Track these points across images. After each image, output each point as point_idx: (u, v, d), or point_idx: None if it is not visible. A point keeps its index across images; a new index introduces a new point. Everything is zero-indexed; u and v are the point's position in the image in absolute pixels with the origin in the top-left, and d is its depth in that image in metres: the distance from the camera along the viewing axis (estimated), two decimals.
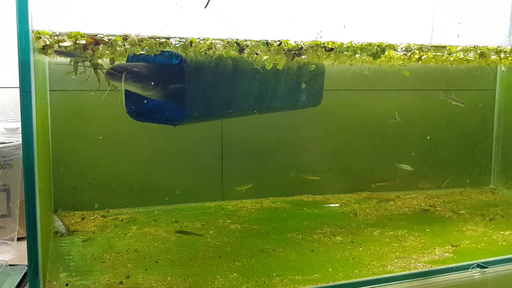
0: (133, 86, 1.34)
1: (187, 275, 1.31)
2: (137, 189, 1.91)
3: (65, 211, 1.84)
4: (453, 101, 2.04)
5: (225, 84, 1.52)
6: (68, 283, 1.26)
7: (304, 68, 1.77)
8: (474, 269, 1.39)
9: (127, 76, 1.28)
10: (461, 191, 2.28)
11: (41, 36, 1.19)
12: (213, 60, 1.42)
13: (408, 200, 2.11)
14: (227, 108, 1.60)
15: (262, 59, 1.45)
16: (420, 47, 1.68)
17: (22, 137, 1.02)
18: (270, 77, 1.65)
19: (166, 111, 1.57)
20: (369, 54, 1.59)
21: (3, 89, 1.83)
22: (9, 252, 1.48)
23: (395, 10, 1.92)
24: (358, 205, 2.02)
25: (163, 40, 1.31)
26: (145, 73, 1.35)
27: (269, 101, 1.72)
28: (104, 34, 1.26)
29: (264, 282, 1.28)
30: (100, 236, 1.61)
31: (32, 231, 1.04)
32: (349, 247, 1.54)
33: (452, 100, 2.03)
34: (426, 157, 2.26)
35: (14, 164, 1.48)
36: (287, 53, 1.44)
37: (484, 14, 2.01)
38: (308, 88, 1.85)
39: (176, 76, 1.42)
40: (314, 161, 2.12)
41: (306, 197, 2.12)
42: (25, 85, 1.00)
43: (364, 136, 2.18)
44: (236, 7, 1.61)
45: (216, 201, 2.03)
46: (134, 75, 1.31)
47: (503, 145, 2.35)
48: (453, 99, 2.03)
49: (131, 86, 1.33)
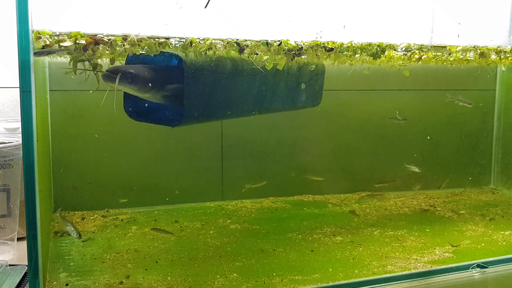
0: (129, 88, 1.33)
1: (187, 275, 1.31)
2: (137, 189, 1.91)
3: (65, 211, 1.84)
4: (460, 102, 2.03)
5: (224, 85, 1.52)
6: (68, 283, 1.26)
7: (304, 69, 1.77)
8: (474, 269, 1.39)
9: (122, 78, 1.28)
10: (461, 191, 2.28)
11: (41, 36, 1.19)
12: (212, 61, 1.41)
13: (408, 200, 2.11)
14: (227, 109, 1.60)
15: (262, 59, 1.45)
16: (420, 47, 1.68)
17: (22, 137, 1.02)
18: (269, 77, 1.65)
19: (165, 111, 1.56)
20: (369, 54, 1.59)
21: (3, 89, 1.83)
22: (9, 252, 1.48)
23: (395, 10, 1.92)
24: (358, 205, 2.02)
25: (162, 40, 1.31)
26: (141, 75, 1.34)
27: (269, 101, 1.72)
28: (104, 34, 1.26)
29: (264, 282, 1.28)
30: (100, 236, 1.61)
31: (32, 231, 1.04)
32: (349, 247, 1.54)
33: (459, 101, 2.03)
34: (426, 157, 2.26)
35: (14, 164, 1.48)
36: (287, 53, 1.44)
37: (484, 14, 2.01)
38: (308, 88, 1.85)
39: (174, 78, 1.42)
40: (314, 161, 2.12)
41: (306, 197, 2.12)
42: (25, 85, 1.00)
43: (364, 136, 2.18)
44: (236, 7, 1.60)
45: (216, 201, 2.03)
46: (129, 77, 1.30)
47: (503, 145, 2.35)
48: (460, 100, 2.03)
49: (127, 88, 1.33)
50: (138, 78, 1.33)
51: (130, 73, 1.31)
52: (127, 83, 1.31)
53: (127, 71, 1.30)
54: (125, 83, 1.30)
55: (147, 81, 1.35)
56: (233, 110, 1.64)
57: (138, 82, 1.33)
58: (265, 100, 1.70)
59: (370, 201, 2.07)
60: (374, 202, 2.06)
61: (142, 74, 1.35)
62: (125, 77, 1.29)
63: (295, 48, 1.45)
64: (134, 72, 1.32)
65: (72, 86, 1.76)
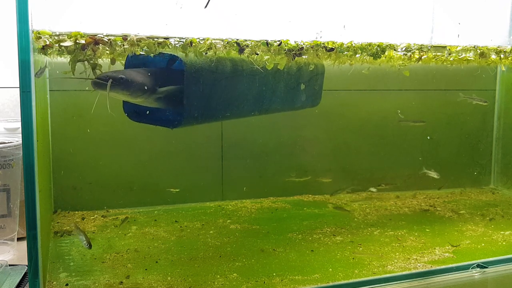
0: (121, 94, 1.31)
1: (187, 275, 1.31)
2: (137, 189, 1.91)
3: (65, 211, 1.84)
4: (474, 100, 2.01)
5: (223, 85, 1.51)
6: (68, 283, 1.26)
7: (304, 69, 1.77)
8: (474, 269, 1.39)
9: (113, 84, 1.26)
10: (461, 191, 2.28)
11: (41, 36, 1.19)
12: (212, 61, 1.41)
13: (408, 200, 2.11)
14: (226, 110, 1.60)
15: (263, 59, 1.45)
16: (420, 47, 1.68)
17: (22, 137, 1.02)
18: (269, 78, 1.65)
19: (164, 112, 1.56)
20: (369, 54, 1.59)
21: (3, 89, 1.83)
22: (9, 252, 1.48)
23: (395, 10, 1.92)
24: (358, 205, 2.02)
25: (161, 40, 1.30)
26: (132, 79, 1.33)
27: (268, 102, 1.72)
28: (104, 34, 1.26)
29: (264, 282, 1.28)
30: (100, 236, 1.61)
31: (32, 231, 1.04)
32: (349, 247, 1.54)
33: (473, 99, 2.01)
34: (426, 157, 2.26)
35: (14, 164, 1.48)
36: (287, 53, 1.44)
37: (484, 14, 2.01)
38: (308, 89, 1.85)
39: (170, 80, 1.41)
40: (314, 161, 2.12)
41: (306, 197, 2.12)
42: (25, 85, 1.00)
43: (364, 136, 2.18)
44: (236, 7, 1.60)
45: (216, 201, 2.03)
46: (120, 82, 1.28)
47: (503, 145, 2.35)
48: (474, 98, 2.01)
49: (119, 94, 1.31)
50: (129, 83, 1.31)
51: (121, 78, 1.29)
52: (119, 89, 1.29)
53: (117, 76, 1.28)
54: (116, 89, 1.28)
55: (139, 86, 1.34)
56: (233, 111, 1.63)
57: (129, 87, 1.31)
58: (265, 100, 1.70)
59: (370, 201, 2.07)
60: (374, 202, 2.06)
61: (133, 79, 1.33)
62: (116, 83, 1.27)
63: (295, 48, 1.45)
64: (125, 78, 1.30)
65: (72, 86, 1.76)
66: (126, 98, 1.37)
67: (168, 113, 1.56)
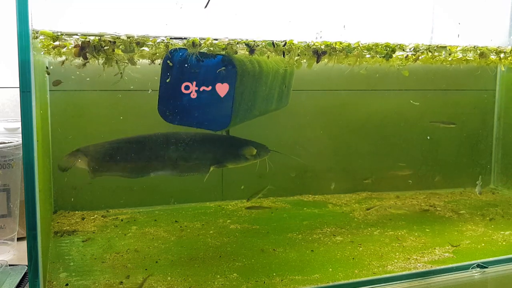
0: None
1: (187, 275, 1.31)
2: (137, 189, 1.91)
3: (65, 211, 1.84)
4: (441, 124, 2.05)
5: (254, 87, 1.52)
6: (68, 283, 1.26)
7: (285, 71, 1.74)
8: (474, 269, 1.39)
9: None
10: (461, 191, 2.28)
11: (41, 36, 1.19)
12: (251, 63, 1.40)
13: (408, 200, 2.11)
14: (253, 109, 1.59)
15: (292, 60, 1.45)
16: (428, 48, 1.68)
17: (22, 137, 1.02)
18: (268, 79, 1.64)
19: (208, 115, 1.45)
20: (381, 56, 1.59)
21: (3, 89, 1.83)
22: (9, 252, 1.48)
23: (395, 10, 1.92)
24: (358, 205, 2.02)
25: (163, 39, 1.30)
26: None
27: (265, 103, 1.71)
28: (104, 34, 1.26)
29: (264, 282, 1.28)
30: (100, 236, 1.61)
31: (32, 231, 1.04)
32: (349, 247, 1.54)
33: (440, 123, 2.05)
34: (426, 157, 2.26)
35: (14, 164, 1.48)
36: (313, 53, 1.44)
37: (484, 14, 2.01)
38: (281, 90, 1.82)
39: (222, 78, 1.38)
40: (314, 161, 2.12)
41: (306, 197, 2.12)
42: (25, 85, 1.00)
43: (364, 136, 2.18)
44: (236, 7, 1.60)
45: (216, 201, 2.03)
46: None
47: (503, 145, 2.34)
48: (443, 122, 2.05)
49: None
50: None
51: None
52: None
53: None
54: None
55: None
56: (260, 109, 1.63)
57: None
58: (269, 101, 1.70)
59: (369, 201, 2.07)
60: (374, 202, 2.06)
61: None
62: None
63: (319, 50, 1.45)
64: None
65: (72, 86, 1.76)
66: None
67: (213, 115, 1.46)
